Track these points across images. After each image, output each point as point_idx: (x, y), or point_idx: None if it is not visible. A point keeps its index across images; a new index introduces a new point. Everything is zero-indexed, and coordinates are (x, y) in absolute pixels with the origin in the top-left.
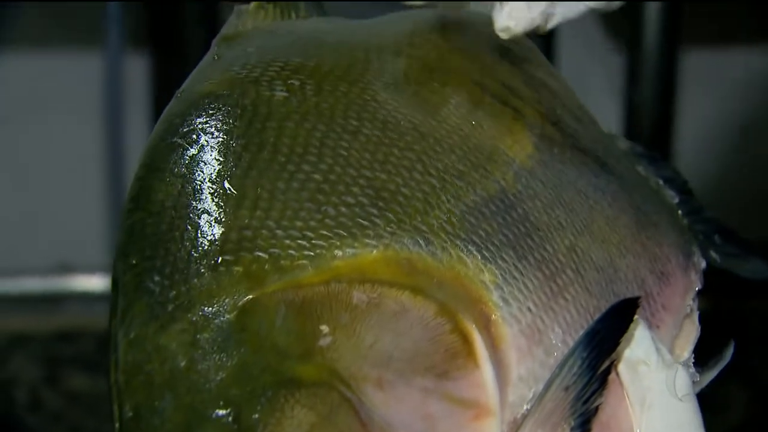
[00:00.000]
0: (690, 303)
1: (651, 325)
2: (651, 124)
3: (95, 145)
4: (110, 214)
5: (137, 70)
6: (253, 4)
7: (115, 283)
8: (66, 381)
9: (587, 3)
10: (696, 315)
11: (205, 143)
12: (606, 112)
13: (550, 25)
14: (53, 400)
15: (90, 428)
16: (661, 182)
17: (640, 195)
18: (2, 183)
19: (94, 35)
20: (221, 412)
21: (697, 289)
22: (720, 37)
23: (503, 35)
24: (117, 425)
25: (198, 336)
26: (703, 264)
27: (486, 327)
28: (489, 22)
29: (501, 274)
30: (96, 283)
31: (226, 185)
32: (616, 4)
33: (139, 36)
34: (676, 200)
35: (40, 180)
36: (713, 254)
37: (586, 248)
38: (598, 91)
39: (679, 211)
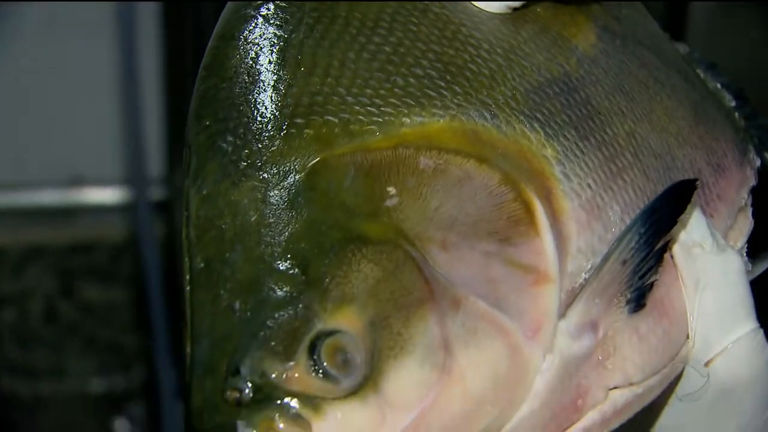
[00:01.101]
0: (744, 197)
1: (705, 213)
2: None
3: (108, 57)
4: (123, 126)
5: None
6: None
7: (188, 145)
8: (80, 292)
9: None
10: (750, 209)
11: (278, 15)
12: None
13: None
14: (68, 311)
15: (105, 338)
16: (719, 86)
17: (698, 92)
18: (14, 96)
19: None
20: (290, 263)
21: (751, 185)
22: None
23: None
24: (187, 277)
25: (269, 193)
26: (758, 162)
27: (547, 199)
28: None
29: (563, 151)
30: (109, 195)
31: (298, 54)
32: None
33: None
34: (733, 104)
35: (52, 93)
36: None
37: (645, 135)
38: None
39: (736, 114)
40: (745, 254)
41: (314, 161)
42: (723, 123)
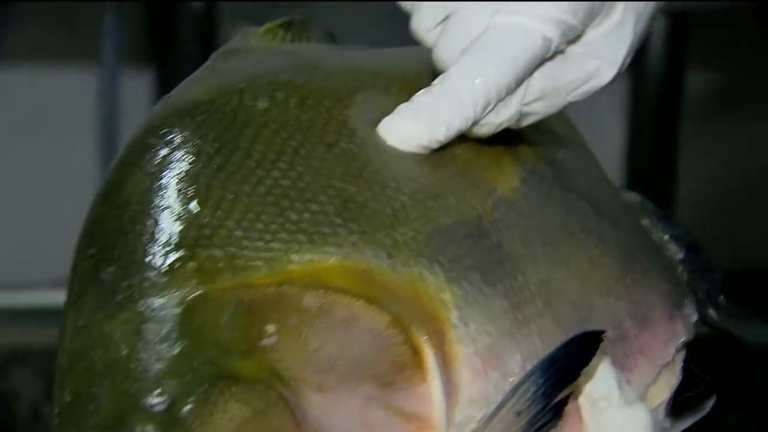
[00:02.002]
0: (672, 352)
1: (624, 368)
2: (653, 142)
3: (95, 160)
4: None
5: (133, 85)
6: (264, 27)
7: (73, 271)
8: None
9: (568, 97)
10: (678, 365)
11: (180, 144)
12: (610, 129)
13: (526, 123)
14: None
15: None
16: (666, 237)
17: (634, 242)
18: (4, 197)
19: (90, 51)
20: (155, 401)
21: (682, 340)
22: (725, 61)
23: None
24: (56, 410)
25: (143, 326)
26: (695, 317)
27: (440, 344)
28: None
29: (463, 296)
30: None
31: (193, 184)
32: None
33: (135, 51)
34: (680, 256)
35: (42, 194)
36: (712, 312)
37: (562, 282)
38: (602, 108)
39: (681, 267)
40: (664, 410)
41: (194, 295)
42: (658, 275)
